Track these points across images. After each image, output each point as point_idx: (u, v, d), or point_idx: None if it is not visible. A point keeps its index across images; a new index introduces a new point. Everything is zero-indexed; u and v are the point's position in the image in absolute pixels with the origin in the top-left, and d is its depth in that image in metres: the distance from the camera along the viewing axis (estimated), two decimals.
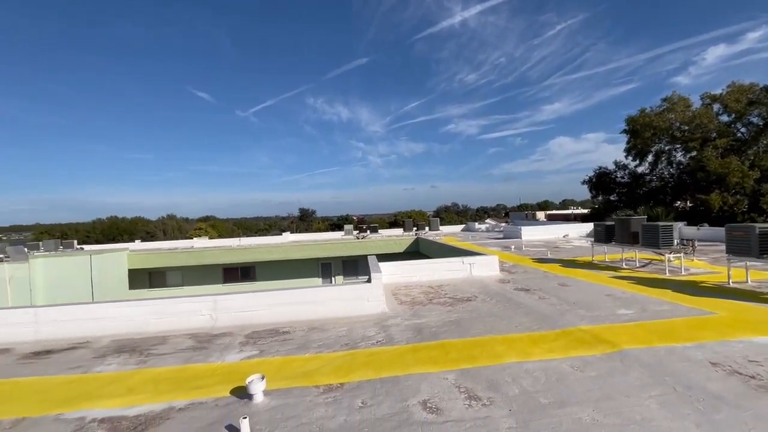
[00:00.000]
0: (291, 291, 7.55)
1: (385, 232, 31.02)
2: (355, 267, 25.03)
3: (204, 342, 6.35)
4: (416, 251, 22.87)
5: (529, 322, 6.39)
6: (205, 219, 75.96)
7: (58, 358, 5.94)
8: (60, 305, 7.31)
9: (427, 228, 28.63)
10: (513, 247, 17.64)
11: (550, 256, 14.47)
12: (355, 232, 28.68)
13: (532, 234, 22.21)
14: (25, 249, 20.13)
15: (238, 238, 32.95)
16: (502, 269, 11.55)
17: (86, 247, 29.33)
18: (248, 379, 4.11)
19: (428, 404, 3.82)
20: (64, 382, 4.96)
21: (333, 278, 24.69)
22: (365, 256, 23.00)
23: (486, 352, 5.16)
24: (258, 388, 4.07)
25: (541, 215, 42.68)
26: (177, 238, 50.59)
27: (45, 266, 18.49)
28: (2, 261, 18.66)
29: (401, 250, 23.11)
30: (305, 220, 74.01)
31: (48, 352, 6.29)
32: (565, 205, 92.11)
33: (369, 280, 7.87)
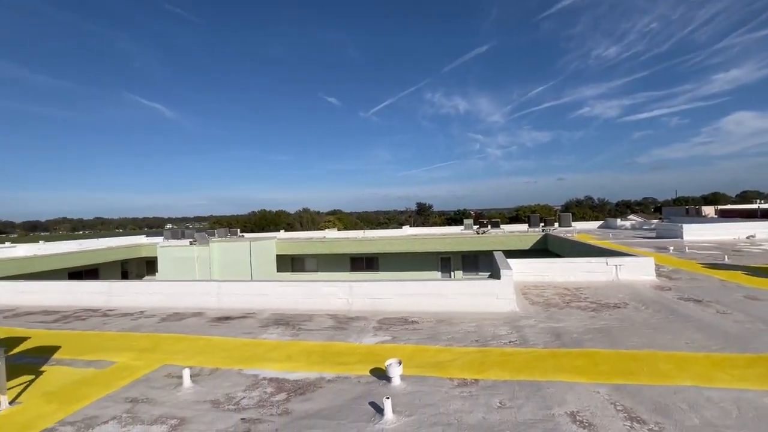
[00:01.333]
0: (418, 282, 7.75)
1: (507, 228, 29.38)
2: (475, 262, 24.40)
3: (343, 323, 7.00)
4: (544, 249, 21.05)
5: (704, 340, 5.24)
6: (333, 212, 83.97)
7: (235, 324, 7.31)
8: (234, 281, 8.97)
9: (556, 224, 26.05)
10: (671, 248, 14.73)
11: (728, 261, 11.61)
12: (475, 227, 27.90)
13: (697, 233, 18.18)
14: (206, 235, 25.37)
15: (362, 231, 35.45)
16: (658, 274, 9.75)
17: (245, 235, 35.48)
18: (387, 362, 4.36)
19: (578, 417, 3.46)
20: (241, 344, 6.08)
21: (452, 273, 24.54)
22: (486, 252, 22.21)
23: (647, 368, 4.41)
24: (396, 371, 4.29)
25: (709, 210, 34.47)
26: (311, 229, 57.23)
27: (219, 249, 23.01)
28: (192, 244, 23.94)
29: (526, 248, 21.56)
30: (422, 214, 75.34)
31: (227, 318, 7.80)
32: (746, 197, 72.56)
33: (497, 277, 7.54)
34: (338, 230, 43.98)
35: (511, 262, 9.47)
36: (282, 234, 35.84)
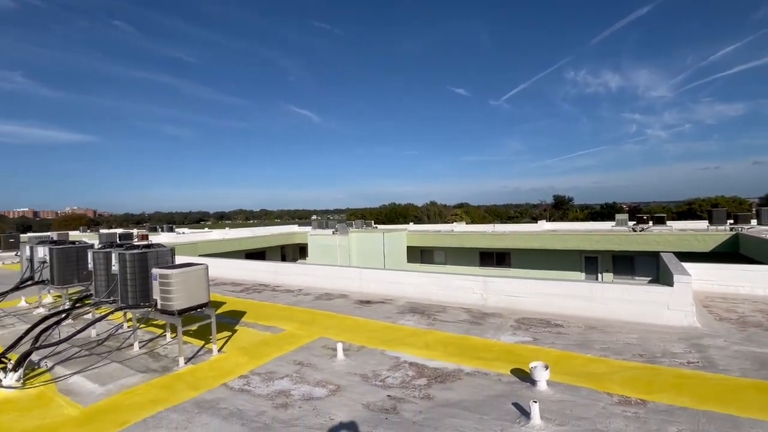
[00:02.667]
0: (563, 283, 7.06)
1: (675, 225, 24.18)
2: (630, 264, 20.87)
3: (478, 318, 6.88)
4: (733, 252, 16.60)
5: None
6: (460, 206, 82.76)
7: (375, 308, 7.92)
8: (373, 269, 9.71)
9: (753, 221, 20.21)
10: None
11: None
12: (631, 223, 23.76)
13: None
14: (346, 226, 28.10)
15: (492, 225, 34.05)
16: None
17: (378, 226, 37.98)
18: (532, 365, 4.11)
19: None
20: (382, 327, 6.56)
21: (600, 275, 21.51)
22: (647, 253, 18.80)
23: None
24: (542, 376, 4.01)
25: None
26: (438, 222, 57.69)
27: (357, 239, 25.24)
28: (334, 234, 26.86)
29: (706, 250, 17.34)
30: (560, 208, 67.97)
31: (368, 302, 8.50)
32: None
33: (668, 283, 6.29)
34: (466, 224, 43.21)
35: (687, 266, 7.76)
36: (411, 226, 37.11)
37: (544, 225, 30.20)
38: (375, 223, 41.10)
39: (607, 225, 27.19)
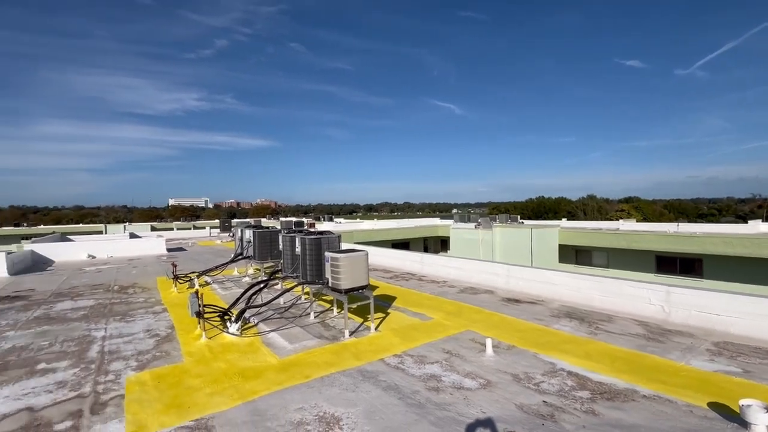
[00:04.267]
0: None
1: None
2: None
3: (656, 334, 5.78)
4: None
5: None
6: (627, 200, 70.05)
7: (524, 308, 7.48)
8: (523, 266, 9.18)
9: None
10: None
11: None
12: None
13: None
14: (489, 220, 27.19)
15: (674, 223, 27.75)
16: None
17: (524, 221, 35.45)
18: (743, 402, 3.25)
19: None
20: (533, 329, 6.16)
21: None
22: None
23: None
24: (761, 419, 3.12)
25: None
26: (596, 219, 50.23)
27: (501, 234, 24.16)
28: (477, 228, 26.32)
29: None
30: None
31: (517, 300, 8.09)
32: None
33: None
34: (636, 221, 36.45)
35: None
36: (564, 223, 33.40)
37: (758, 226, 23.08)
38: (521, 218, 38.56)
39: None
